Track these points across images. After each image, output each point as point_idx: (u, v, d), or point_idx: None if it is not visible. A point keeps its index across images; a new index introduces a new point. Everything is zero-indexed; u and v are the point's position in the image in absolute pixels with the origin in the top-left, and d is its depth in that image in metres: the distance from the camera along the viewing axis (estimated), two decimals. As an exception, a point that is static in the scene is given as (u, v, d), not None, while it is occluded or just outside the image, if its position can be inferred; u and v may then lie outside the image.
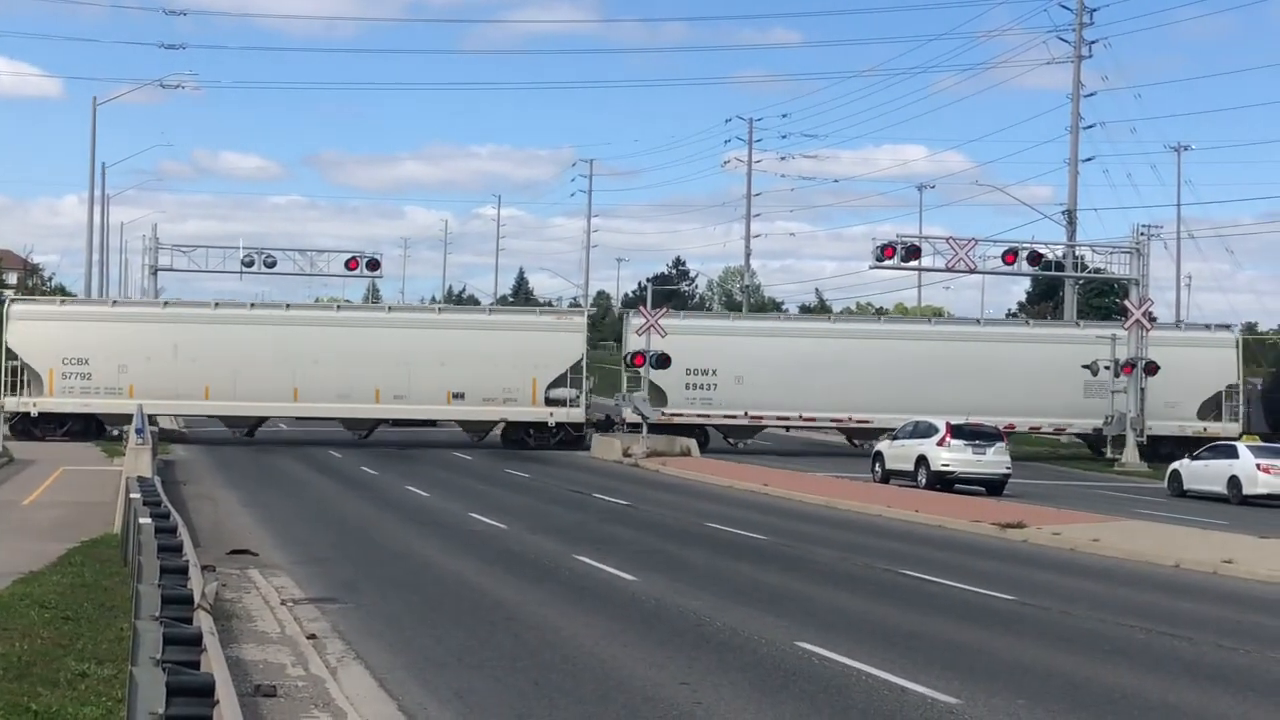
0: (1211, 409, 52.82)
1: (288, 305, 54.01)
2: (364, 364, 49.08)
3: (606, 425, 51.70)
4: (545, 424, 50.02)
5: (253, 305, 53.95)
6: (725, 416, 51.37)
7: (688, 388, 50.66)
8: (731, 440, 52.90)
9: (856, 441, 52.56)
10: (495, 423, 50.85)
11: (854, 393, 50.56)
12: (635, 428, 47.87)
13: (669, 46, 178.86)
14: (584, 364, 50.26)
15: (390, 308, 51.95)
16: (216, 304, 52.19)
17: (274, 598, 17.26)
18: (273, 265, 57.56)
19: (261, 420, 51.35)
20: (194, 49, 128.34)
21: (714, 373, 50.86)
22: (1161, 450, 50.47)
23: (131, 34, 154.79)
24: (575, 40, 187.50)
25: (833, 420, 52.53)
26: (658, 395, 49.52)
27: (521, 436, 50.32)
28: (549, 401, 49.78)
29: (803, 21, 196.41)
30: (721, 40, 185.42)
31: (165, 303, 53.71)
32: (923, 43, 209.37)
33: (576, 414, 49.80)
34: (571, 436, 50.07)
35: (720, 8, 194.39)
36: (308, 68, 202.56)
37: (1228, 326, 57.27)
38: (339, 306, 53.76)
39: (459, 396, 49.55)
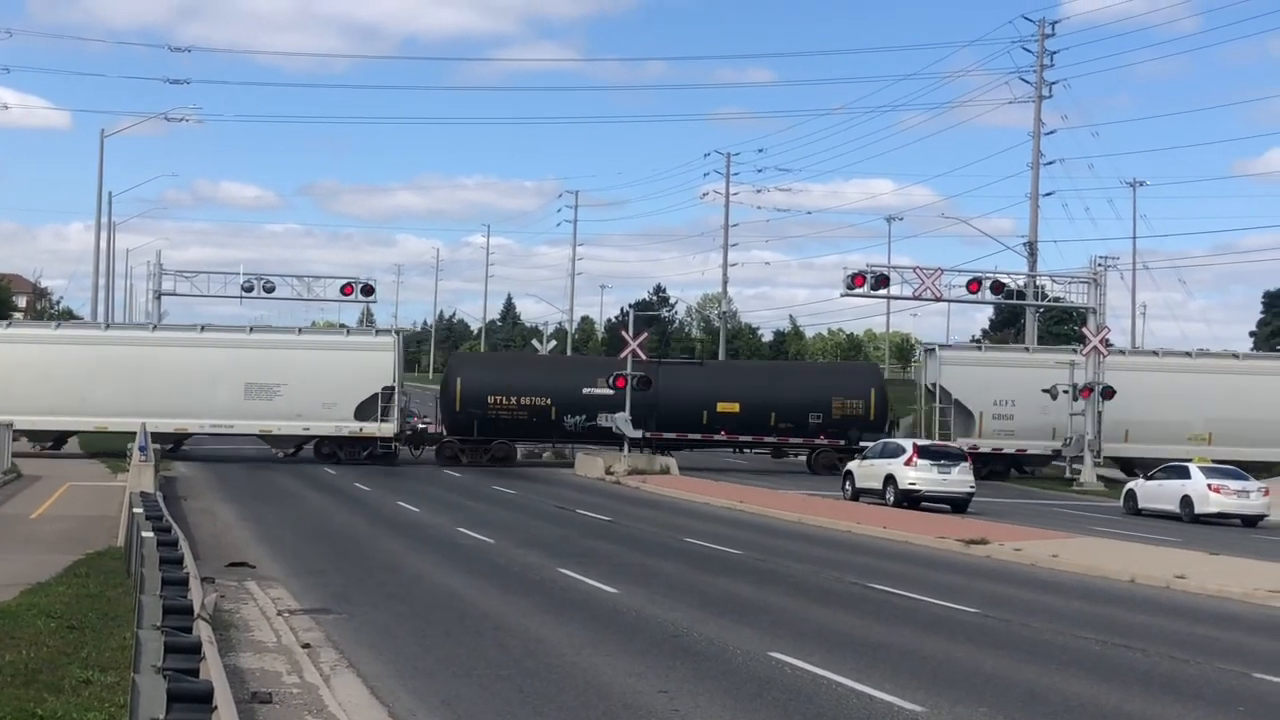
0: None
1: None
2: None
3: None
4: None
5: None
6: None
7: None
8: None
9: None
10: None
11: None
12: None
13: (650, 84, 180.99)
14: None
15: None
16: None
17: (270, 608, 17.56)
18: (272, 290, 58.31)
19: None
20: (197, 84, 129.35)
21: None
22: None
23: (137, 69, 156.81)
24: (559, 78, 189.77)
25: None
26: None
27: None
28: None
29: (777, 61, 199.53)
30: (700, 79, 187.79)
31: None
32: (891, 83, 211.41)
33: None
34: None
35: (699, 48, 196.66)
36: (304, 102, 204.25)
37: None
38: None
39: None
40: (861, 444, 48.81)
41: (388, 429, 50.40)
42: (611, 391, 49.99)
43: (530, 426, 52.25)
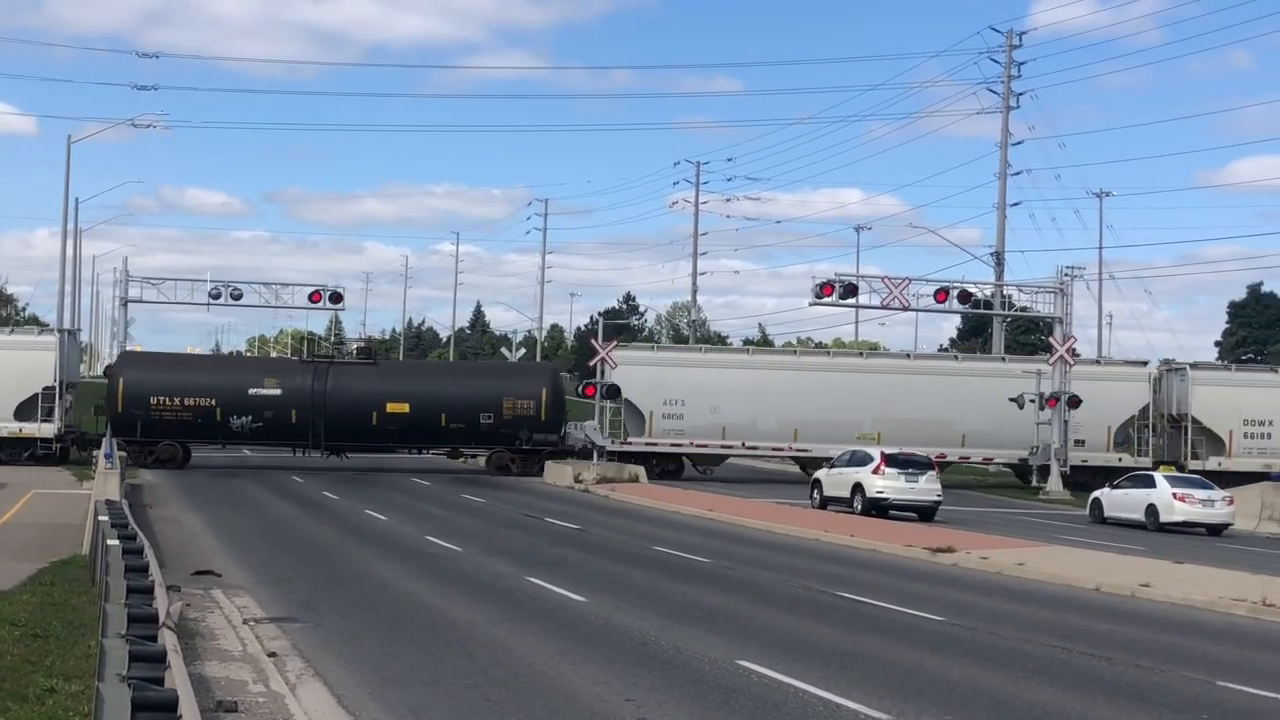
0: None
1: None
2: None
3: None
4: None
5: None
6: None
7: None
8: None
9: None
10: None
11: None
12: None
13: (617, 93, 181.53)
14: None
15: None
16: None
17: (236, 617, 17.50)
18: (239, 298, 58.35)
19: None
20: (164, 90, 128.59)
21: None
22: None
23: (104, 75, 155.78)
24: (527, 86, 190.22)
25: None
26: None
27: None
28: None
29: (745, 71, 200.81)
30: (666, 87, 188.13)
31: None
32: (859, 93, 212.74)
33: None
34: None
35: (666, 57, 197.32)
36: (271, 109, 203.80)
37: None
38: None
39: None
40: (535, 445, 49.90)
41: (48, 430, 50.15)
42: (280, 392, 50.17)
43: (195, 428, 51.17)
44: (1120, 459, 52.39)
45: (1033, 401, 51.77)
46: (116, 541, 15.93)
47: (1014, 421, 52.26)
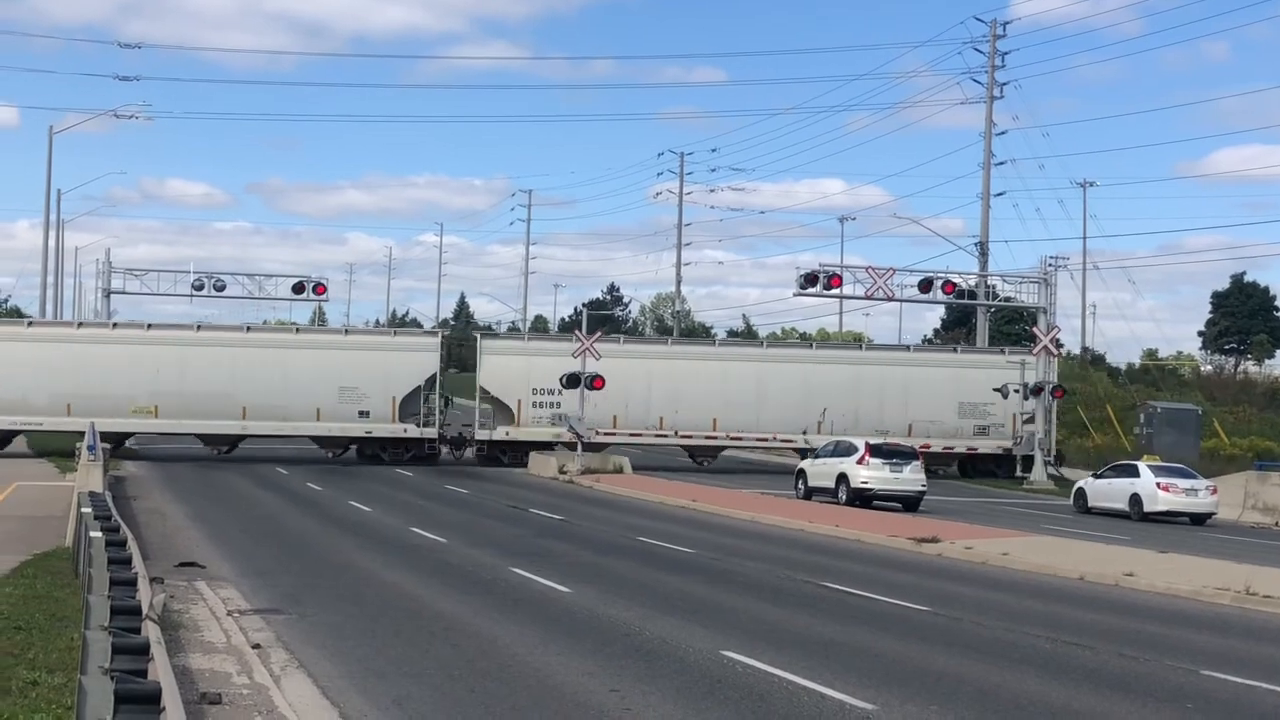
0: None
1: None
2: None
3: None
4: None
5: None
6: None
7: None
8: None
9: None
10: None
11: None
12: None
13: (600, 83, 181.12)
14: None
15: None
16: None
17: (220, 609, 17.47)
18: (222, 289, 58.28)
19: None
20: (146, 80, 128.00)
21: None
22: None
23: (85, 66, 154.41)
24: (509, 76, 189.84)
25: None
26: None
27: None
28: None
29: (728, 61, 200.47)
30: (648, 78, 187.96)
31: None
32: (842, 83, 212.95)
33: None
34: None
35: (649, 47, 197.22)
36: (252, 99, 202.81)
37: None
38: None
39: None
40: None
41: None
42: None
43: None
44: (406, 430, 51.78)
45: (1016, 391, 51.82)
46: (100, 533, 15.85)
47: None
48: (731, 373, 53.52)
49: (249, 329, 55.07)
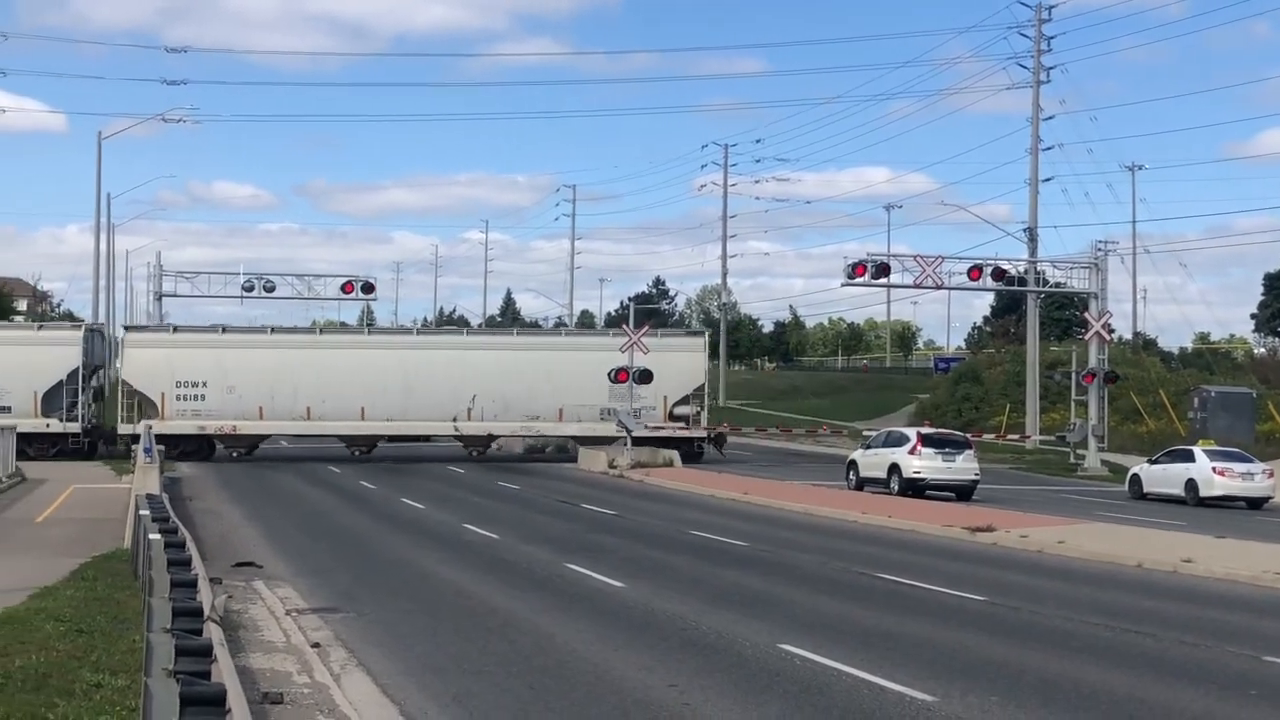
0: None
1: None
2: None
3: None
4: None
5: None
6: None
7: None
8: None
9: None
10: None
11: None
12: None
13: (641, 77, 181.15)
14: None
15: None
16: None
17: (279, 608, 17.58)
18: (272, 290, 58.61)
19: None
20: (192, 84, 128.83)
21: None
22: None
23: (131, 71, 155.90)
24: (550, 72, 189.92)
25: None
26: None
27: None
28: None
29: (770, 51, 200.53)
30: (689, 70, 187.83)
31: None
32: (886, 71, 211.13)
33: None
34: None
35: (691, 40, 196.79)
36: (296, 101, 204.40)
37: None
38: None
39: None
40: None
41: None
42: None
43: None
44: (49, 425, 50.53)
45: (1069, 377, 51.39)
46: (158, 535, 16.01)
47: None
48: (377, 362, 52.93)
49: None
